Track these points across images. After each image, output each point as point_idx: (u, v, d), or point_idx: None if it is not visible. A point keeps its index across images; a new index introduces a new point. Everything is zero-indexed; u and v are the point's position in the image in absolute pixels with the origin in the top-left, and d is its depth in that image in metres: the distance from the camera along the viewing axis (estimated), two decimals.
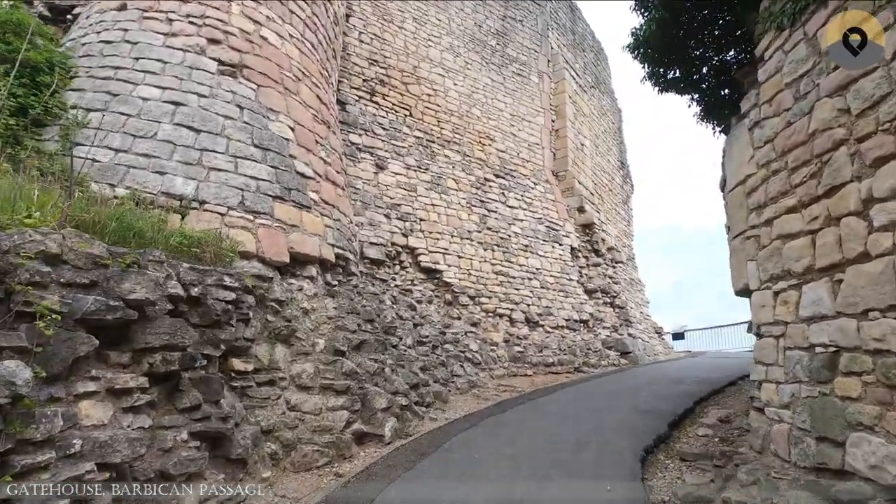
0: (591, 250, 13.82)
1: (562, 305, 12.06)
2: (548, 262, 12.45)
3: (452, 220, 11.12)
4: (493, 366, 9.71)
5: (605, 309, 13.24)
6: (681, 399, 7.05)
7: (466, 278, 10.72)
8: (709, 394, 7.40)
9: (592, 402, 7.06)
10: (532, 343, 10.82)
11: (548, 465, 4.65)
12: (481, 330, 10.26)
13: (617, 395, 7.50)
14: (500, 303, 10.96)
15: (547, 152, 14.32)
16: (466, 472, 4.56)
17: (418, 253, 10.26)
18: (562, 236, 13.18)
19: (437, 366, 7.98)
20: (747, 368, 10.13)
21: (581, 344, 11.59)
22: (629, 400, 7.10)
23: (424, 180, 11.08)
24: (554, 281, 12.30)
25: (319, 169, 7.20)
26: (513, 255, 11.80)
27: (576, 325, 12.01)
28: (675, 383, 8.25)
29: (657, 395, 7.33)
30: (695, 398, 7.09)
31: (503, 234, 11.91)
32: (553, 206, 13.56)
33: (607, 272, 13.81)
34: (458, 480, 4.35)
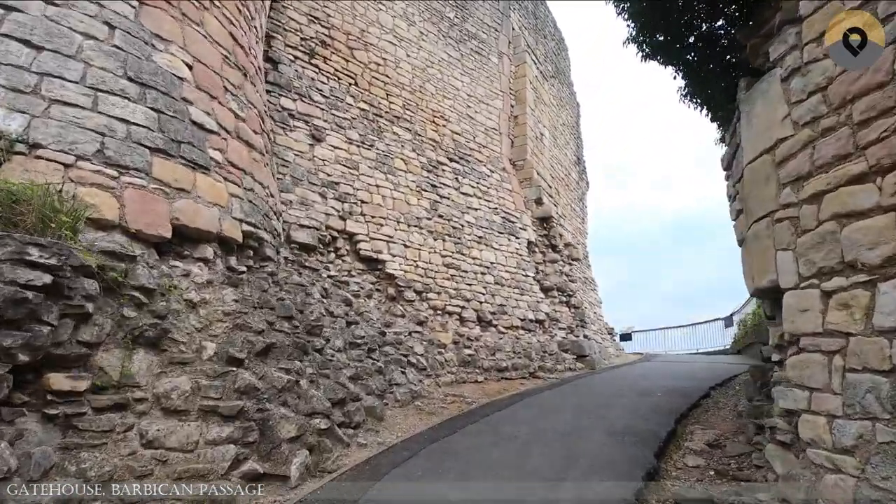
0: (548, 245, 12.65)
1: (517, 304, 10.79)
2: (503, 255, 11.15)
3: (399, 204, 9.61)
4: (441, 371, 8.28)
5: (562, 309, 12.11)
6: (658, 416, 5.87)
7: (413, 270, 9.24)
8: (687, 409, 6.28)
9: (558, 421, 5.75)
10: (484, 345, 9.48)
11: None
12: (428, 330, 8.81)
13: (584, 411, 6.23)
14: (449, 299, 9.55)
15: (505, 139, 13.04)
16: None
17: (358, 239, 8.68)
18: (518, 229, 11.93)
19: (372, 373, 6.46)
20: (711, 374, 9.25)
21: (537, 346, 10.36)
22: (599, 418, 5.85)
23: (369, 158, 9.50)
24: (509, 277, 11.02)
25: (228, 123, 5.52)
26: (465, 247, 10.42)
27: (531, 325, 10.78)
28: (644, 395, 7.09)
29: (630, 411, 6.13)
30: (673, 415, 5.93)
31: (456, 223, 10.51)
32: (510, 197, 12.29)
33: (564, 269, 12.69)
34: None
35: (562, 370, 10.24)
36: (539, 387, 8.20)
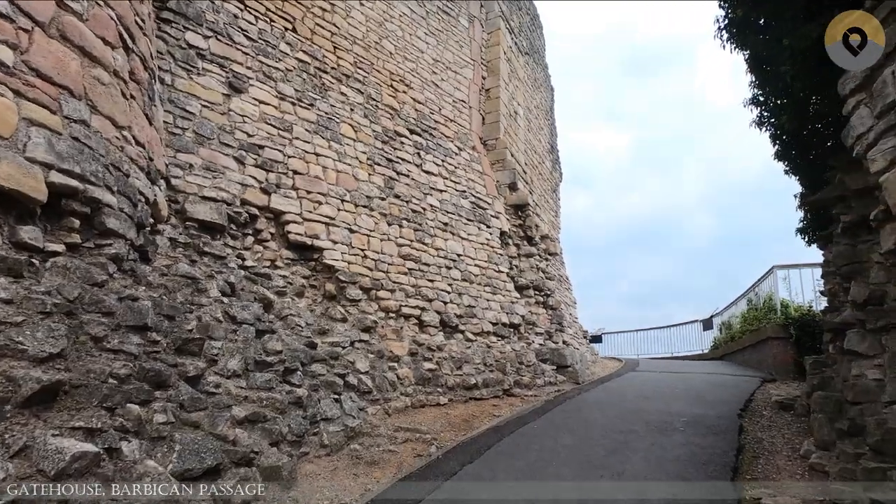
0: (522, 237, 10.73)
1: (488, 305, 8.81)
2: (472, 247, 9.15)
3: (345, 178, 7.45)
4: (391, 394, 6.19)
5: (538, 310, 10.20)
6: (698, 470, 3.98)
7: (360, 262, 7.11)
8: (733, 455, 4.42)
9: (559, 491, 3.75)
10: (449, 356, 7.43)
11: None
12: (377, 338, 6.69)
13: (590, 463, 4.27)
14: (406, 299, 7.46)
15: (475, 114, 11.04)
16: None
17: (287, 220, 6.49)
18: (490, 217, 9.95)
19: (286, 408, 4.29)
20: (722, 393, 7.44)
21: (511, 356, 8.40)
22: (616, 477, 3.89)
23: (307, 120, 7.30)
24: (479, 272, 9.02)
25: (37, 8, 3.27)
26: (427, 235, 8.35)
27: (505, 330, 8.81)
28: (661, 430, 5.21)
29: (656, 463, 4.22)
30: (721, 468, 4.05)
31: (416, 205, 8.43)
32: (480, 179, 10.30)
33: (540, 265, 10.80)
34: None
35: (541, 385, 8.31)
36: (518, 414, 6.21)
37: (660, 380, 8.90)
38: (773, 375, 9.26)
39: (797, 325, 9.19)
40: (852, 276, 4.33)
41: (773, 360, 9.53)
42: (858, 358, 4.33)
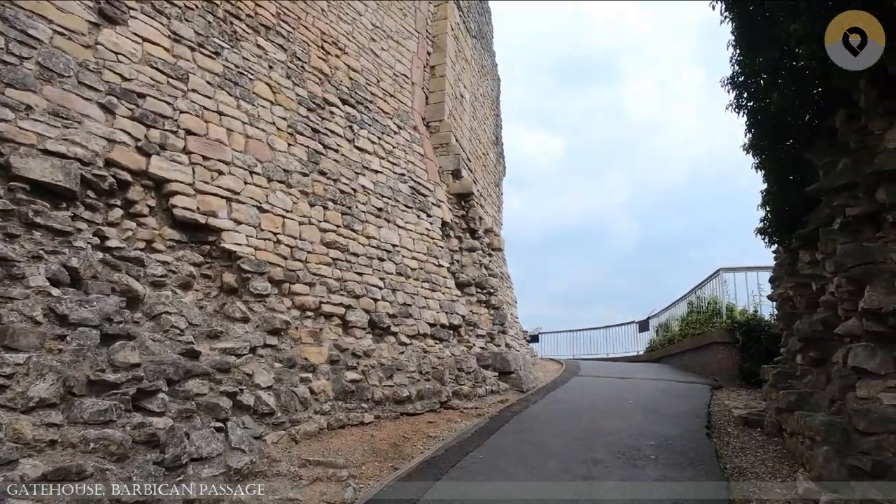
0: (465, 229, 9.67)
1: (426, 303, 7.65)
2: (410, 237, 7.95)
3: (257, 147, 6.01)
4: (302, 413, 4.87)
5: (480, 310, 9.19)
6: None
7: (271, 248, 5.71)
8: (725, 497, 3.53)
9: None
10: (378, 363, 6.20)
11: None
12: (288, 342, 5.34)
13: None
14: (329, 294, 6.15)
15: (418, 91, 9.83)
16: None
17: (173, 191, 4.99)
18: (431, 204, 8.80)
19: (126, 452, 2.89)
20: (679, 404, 6.44)
21: (450, 362, 7.30)
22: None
23: (210, 70, 5.79)
24: (417, 266, 7.85)
25: None
26: (358, 221, 7.06)
27: (444, 332, 7.70)
28: (631, 458, 4.29)
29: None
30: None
31: (345, 185, 7.11)
32: (421, 163, 9.12)
33: (483, 260, 9.80)
34: None
35: (483, 394, 7.27)
36: (458, 436, 5.09)
37: (607, 388, 8.15)
38: (718, 382, 8.80)
39: (743, 329, 8.77)
40: (865, 278, 3.56)
41: (719, 366, 9.08)
42: (867, 377, 3.57)
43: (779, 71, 4.47)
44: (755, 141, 5.65)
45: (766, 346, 8.53)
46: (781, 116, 5.14)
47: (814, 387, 4.92)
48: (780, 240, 6.51)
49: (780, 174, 5.91)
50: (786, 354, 7.55)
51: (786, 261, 7.05)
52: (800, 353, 5.51)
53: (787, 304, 7.74)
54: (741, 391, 8.04)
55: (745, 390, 8.09)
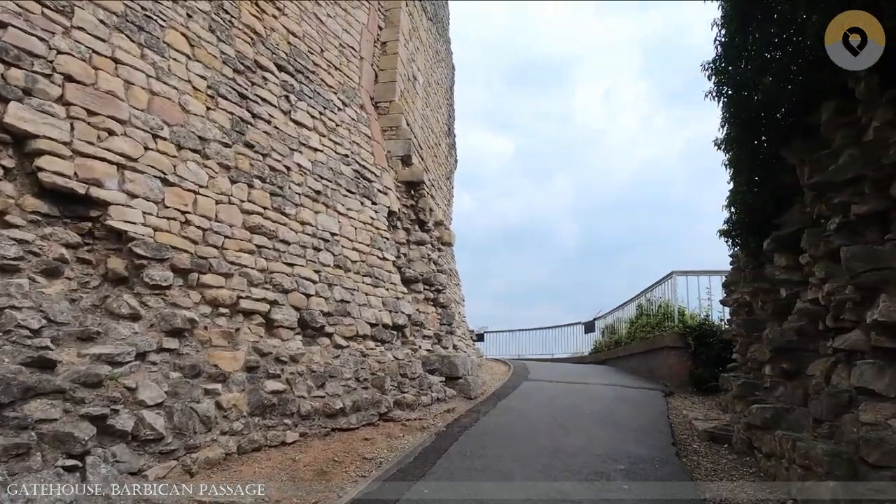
0: (414, 220, 8.84)
1: (367, 300, 6.76)
2: (352, 226, 7.03)
3: (165, 105, 4.90)
4: (203, 436, 3.88)
5: (427, 308, 8.41)
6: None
7: (177, 230, 4.64)
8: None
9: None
10: (308, 370, 5.26)
11: None
12: (193, 345, 4.31)
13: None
14: (250, 287, 5.13)
15: (367, 67, 8.88)
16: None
17: (40, 149, 3.83)
18: (377, 191, 7.90)
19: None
20: (637, 415, 4.85)
21: (393, 367, 6.46)
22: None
23: (104, 7, 4.62)
24: (359, 258, 6.94)
25: None
26: (291, 204, 6.07)
27: (387, 333, 6.84)
28: (601, 494, 3.64)
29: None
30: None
31: (277, 162, 6.09)
32: (368, 145, 8.19)
33: (432, 255, 9.02)
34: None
35: (428, 403, 6.49)
36: (399, 460, 4.27)
37: (561, 395, 7.59)
38: (669, 387, 8.49)
39: (695, 334, 8.50)
40: (879, 286, 3.06)
41: (669, 371, 8.79)
42: (873, 399, 3.08)
43: (779, 49, 3.97)
44: (731, 133, 5.20)
45: (717, 353, 8.29)
46: (765, 108, 4.69)
47: (788, 401, 4.50)
48: (745, 242, 6.15)
49: (751, 172, 5.51)
50: (741, 362, 7.27)
51: (747, 264, 6.73)
52: (769, 364, 5.11)
53: (744, 310, 7.48)
54: (693, 398, 7.73)
55: (697, 397, 7.80)
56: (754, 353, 5.98)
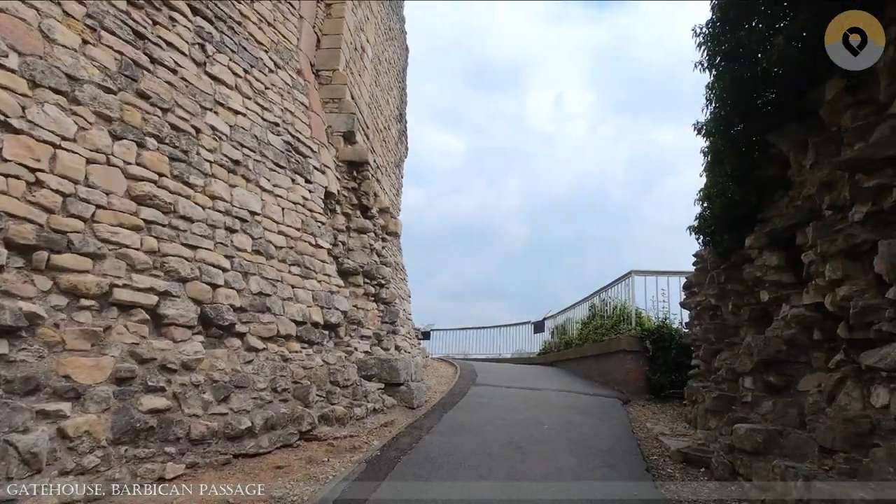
0: (356, 205, 7.78)
1: (294, 294, 5.66)
2: (278, 205, 5.90)
3: (12, 25, 3.62)
4: (23, 483, 2.73)
5: (367, 305, 7.39)
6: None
7: (20, 192, 3.38)
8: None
9: None
10: (208, 379, 4.13)
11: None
12: (35, 348, 3.10)
13: None
14: (131, 274, 3.93)
15: (307, 28, 7.72)
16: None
17: None
18: (313, 168, 6.79)
19: None
20: (605, 434, 4.50)
21: (321, 374, 5.41)
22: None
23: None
24: (286, 244, 5.82)
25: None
26: (199, 173, 4.88)
27: (316, 332, 5.77)
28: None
29: None
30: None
31: (183, 120, 4.88)
32: (304, 116, 7.06)
33: (376, 245, 8.00)
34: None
35: (362, 416, 5.49)
36: (318, 501, 3.28)
37: (515, 404, 6.80)
38: (626, 394, 7.93)
39: (653, 338, 7.98)
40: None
41: (625, 377, 8.23)
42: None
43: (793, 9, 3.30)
44: (718, 112, 4.55)
45: (675, 358, 7.81)
46: (759, 84, 4.05)
47: (779, 421, 3.87)
48: (719, 240, 5.57)
49: (734, 161, 4.90)
50: (704, 369, 6.76)
51: (715, 265, 6.19)
52: (749, 376, 4.50)
53: (708, 314, 6.98)
54: (652, 406, 7.18)
55: (655, 405, 7.25)
56: (726, 362, 5.41)
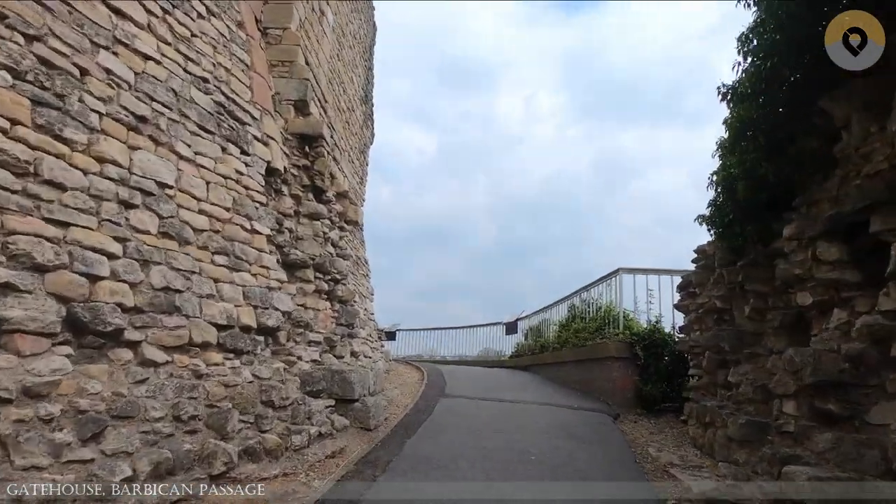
0: (307, 186, 6.55)
1: (217, 290, 4.40)
2: (201, 177, 4.62)
3: None
4: None
5: (319, 303, 6.17)
6: None
7: None
8: None
9: None
10: (65, 412, 2.87)
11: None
12: None
13: None
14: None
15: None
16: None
17: None
18: (252, 138, 5.52)
19: None
20: (590, 450, 3.62)
21: (250, 393, 4.18)
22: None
23: None
24: (210, 227, 4.55)
25: None
26: (79, 125, 3.57)
27: (247, 340, 4.52)
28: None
29: None
30: None
31: (58, 55, 3.55)
32: (245, 76, 5.78)
33: (331, 234, 6.80)
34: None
35: (302, 445, 4.29)
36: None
37: (490, 423, 5.73)
38: (613, 407, 6.99)
39: (644, 344, 7.07)
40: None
41: (612, 387, 7.30)
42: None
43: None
44: (760, 67, 3.60)
45: (668, 366, 6.92)
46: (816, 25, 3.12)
47: (850, 465, 2.92)
48: (738, 231, 4.64)
49: (771, 131, 3.97)
50: (708, 381, 5.88)
51: (723, 261, 5.29)
52: (792, 400, 3.56)
53: (711, 318, 6.10)
54: (646, 422, 6.26)
55: (648, 420, 6.33)
56: (748, 377, 4.48)
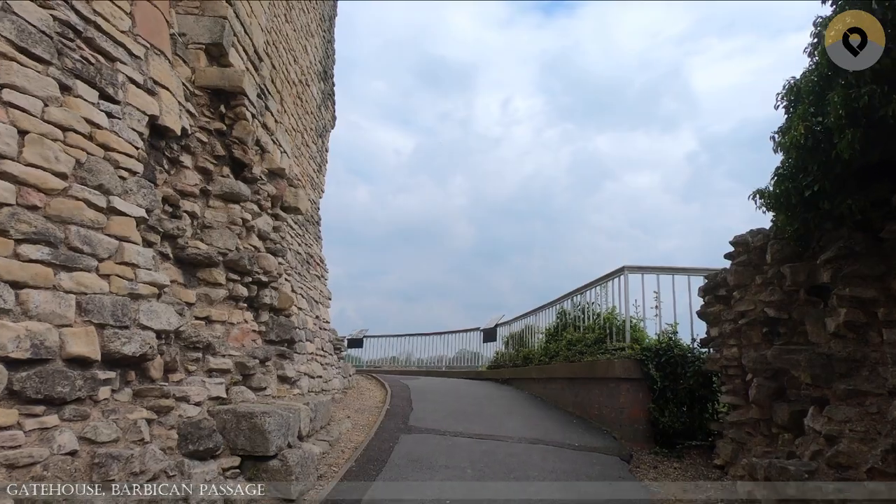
0: (221, 157, 4.83)
1: (22, 301, 2.68)
2: (14, 123, 2.89)
3: None
4: None
5: (234, 315, 4.47)
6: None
7: None
8: None
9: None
10: None
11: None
12: None
13: None
14: None
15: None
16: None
17: None
18: (127, 80, 3.77)
19: None
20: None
21: (61, 473, 2.48)
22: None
23: None
24: (23, 201, 2.82)
25: None
26: None
27: (76, 382, 2.81)
28: None
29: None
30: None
31: None
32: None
33: (257, 223, 5.09)
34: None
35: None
36: None
37: (468, 480, 4.15)
38: (621, 442, 5.48)
39: (658, 361, 5.58)
40: None
41: (619, 414, 5.78)
42: None
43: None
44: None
45: (690, 389, 5.45)
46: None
47: None
48: (829, 207, 3.15)
49: None
50: (753, 412, 4.41)
51: (782, 255, 3.81)
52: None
53: (759, 331, 4.64)
54: (668, 468, 4.75)
55: (671, 464, 4.83)
56: (850, 427, 2.99)
